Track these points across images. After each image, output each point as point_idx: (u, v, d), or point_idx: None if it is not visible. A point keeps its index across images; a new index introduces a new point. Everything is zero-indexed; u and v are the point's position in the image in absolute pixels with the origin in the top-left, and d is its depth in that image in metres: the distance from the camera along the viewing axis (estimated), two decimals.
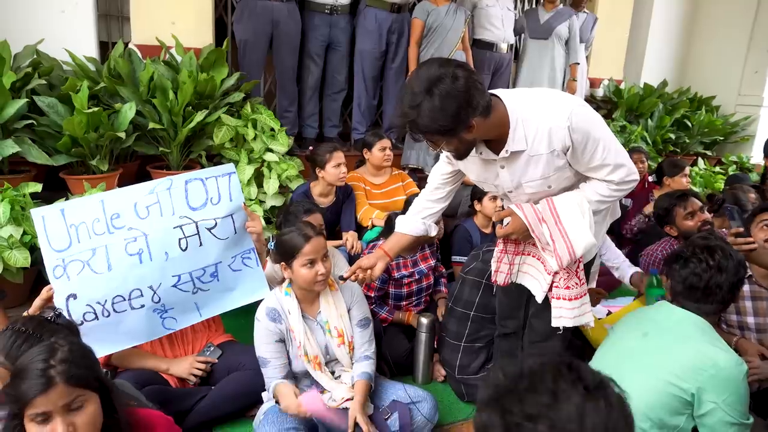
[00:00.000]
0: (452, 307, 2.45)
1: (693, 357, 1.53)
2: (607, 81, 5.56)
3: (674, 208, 2.87)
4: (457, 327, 2.41)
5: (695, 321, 1.63)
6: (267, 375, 1.96)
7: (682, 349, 1.57)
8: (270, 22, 3.63)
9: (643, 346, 1.66)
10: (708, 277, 1.65)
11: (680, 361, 1.55)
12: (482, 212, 3.07)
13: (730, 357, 1.52)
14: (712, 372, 1.49)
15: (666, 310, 1.71)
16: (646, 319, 1.74)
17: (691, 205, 2.83)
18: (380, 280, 2.50)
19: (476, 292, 2.37)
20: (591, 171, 1.58)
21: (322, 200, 3.07)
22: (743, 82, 5.94)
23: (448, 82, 1.38)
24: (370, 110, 4.23)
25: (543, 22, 4.37)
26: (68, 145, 2.84)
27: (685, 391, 1.52)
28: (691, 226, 2.80)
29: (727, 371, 1.48)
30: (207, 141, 3.33)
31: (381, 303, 2.62)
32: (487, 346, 2.39)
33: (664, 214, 2.94)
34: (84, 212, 1.96)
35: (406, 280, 2.62)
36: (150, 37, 3.48)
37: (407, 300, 2.66)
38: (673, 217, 2.88)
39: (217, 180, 2.08)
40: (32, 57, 3.14)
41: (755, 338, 2.29)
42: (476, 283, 2.39)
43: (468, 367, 2.39)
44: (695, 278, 1.67)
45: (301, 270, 1.93)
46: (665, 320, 1.68)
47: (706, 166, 5.41)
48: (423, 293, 2.71)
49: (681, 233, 2.85)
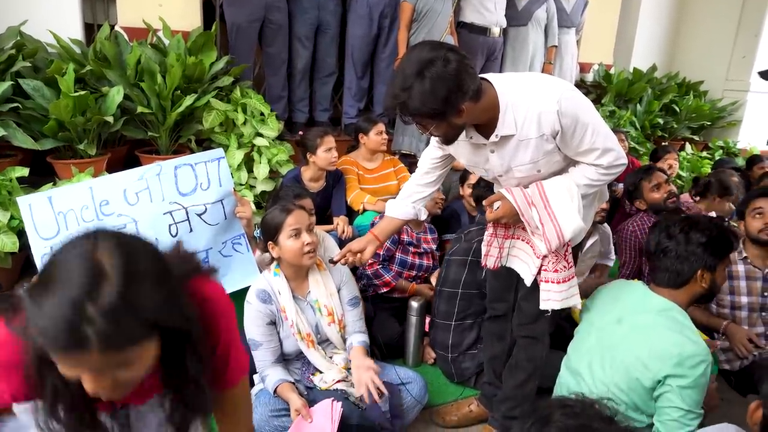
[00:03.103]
0: (440, 289, 2.50)
1: (660, 345, 1.58)
2: (597, 66, 5.57)
3: (641, 182, 3.00)
4: (447, 306, 2.45)
5: (667, 308, 1.67)
6: (258, 358, 1.97)
7: (652, 336, 1.61)
8: (263, 7, 3.58)
9: (618, 333, 1.70)
10: (673, 256, 1.71)
11: (649, 349, 1.59)
12: (465, 197, 3.13)
13: (696, 348, 1.55)
14: (675, 360, 1.53)
15: (640, 294, 1.75)
16: (620, 302, 1.78)
17: (656, 177, 2.97)
18: (391, 241, 2.56)
19: (462, 270, 2.43)
20: (580, 155, 1.60)
21: (313, 185, 3.07)
22: (731, 66, 5.98)
23: (439, 65, 1.38)
24: (360, 94, 4.21)
25: (521, 8, 4.35)
26: (55, 129, 2.80)
27: (652, 378, 1.57)
28: (657, 198, 2.93)
29: (690, 360, 1.52)
30: (196, 125, 3.30)
31: (386, 267, 2.65)
32: (477, 323, 2.43)
33: (632, 189, 3.06)
34: (72, 199, 1.95)
35: (412, 249, 2.71)
36: (136, 19, 3.42)
37: (410, 270, 2.72)
38: (640, 191, 3.00)
39: (206, 165, 2.08)
40: (16, 39, 3.07)
41: (746, 317, 2.35)
42: (462, 261, 2.44)
43: (460, 345, 2.44)
44: (666, 261, 1.72)
45: (287, 242, 1.94)
46: (639, 306, 1.72)
47: (693, 151, 5.46)
48: (422, 270, 2.78)
49: (649, 206, 2.97)
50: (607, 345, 1.71)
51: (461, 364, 2.43)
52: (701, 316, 2.42)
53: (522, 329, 1.95)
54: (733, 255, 2.41)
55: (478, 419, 2.21)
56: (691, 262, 1.68)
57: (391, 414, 1.96)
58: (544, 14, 4.44)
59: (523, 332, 1.95)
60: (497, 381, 2.12)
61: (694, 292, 1.70)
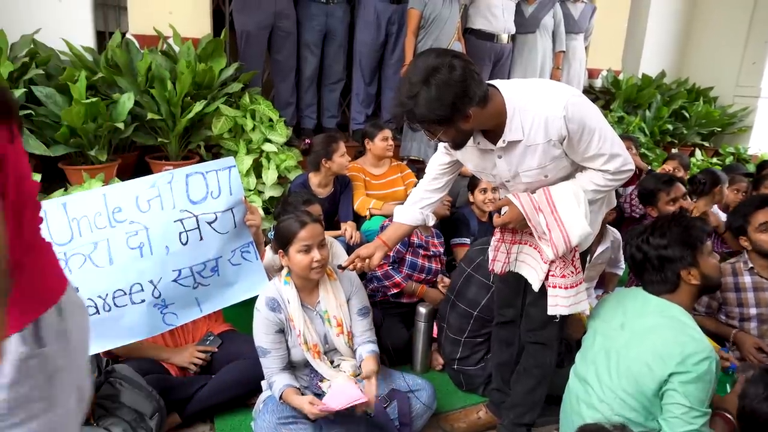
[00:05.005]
0: (455, 302, 2.45)
1: (663, 345, 1.57)
2: (605, 72, 5.56)
3: (659, 193, 2.92)
4: (460, 323, 2.42)
5: (668, 308, 1.66)
6: (266, 365, 1.97)
7: (654, 338, 1.60)
8: (273, 15, 3.62)
9: (621, 339, 1.70)
10: (650, 268, 1.70)
11: (652, 351, 1.58)
12: (475, 203, 3.12)
13: (698, 345, 1.54)
14: (678, 359, 1.52)
15: (641, 298, 1.75)
16: (622, 308, 1.78)
17: (675, 191, 2.89)
18: (401, 243, 2.55)
19: (483, 294, 2.37)
20: (587, 161, 1.60)
21: (320, 191, 3.08)
22: (741, 73, 5.93)
23: (444, 71, 1.39)
24: (368, 101, 4.23)
25: (528, 15, 4.37)
26: (66, 135, 2.83)
27: (657, 379, 1.56)
28: (671, 211, 2.84)
29: (693, 357, 1.51)
30: (206, 131, 3.33)
31: (396, 269, 2.66)
32: (487, 341, 2.40)
33: (647, 195, 2.99)
34: (86, 206, 1.96)
35: (422, 252, 2.70)
36: (147, 26, 3.46)
37: (419, 273, 2.72)
38: (656, 200, 2.93)
39: (217, 174, 2.07)
40: (29, 47, 3.12)
41: (756, 328, 2.32)
42: (484, 284, 2.38)
43: (468, 359, 2.42)
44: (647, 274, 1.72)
45: (297, 256, 1.94)
46: (640, 309, 1.71)
47: (704, 157, 5.42)
48: (431, 274, 2.77)
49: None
50: (612, 351, 1.70)
51: (469, 374, 2.42)
52: (711, 325, 2.40)
53: (530, 335, 1.94)
54: (739, 266, 2.38)
55: (486, 426, 2.20)
56: (667, 266, 1.67)
57: (400, 422, 1.95)
58: (551, 21, 4.46)
59: (532, 338, 1.94)
60: (506, 387, 2.11)
61: (691, 291, 1.69)
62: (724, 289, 2.37)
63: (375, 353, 2.04)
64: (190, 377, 2.18)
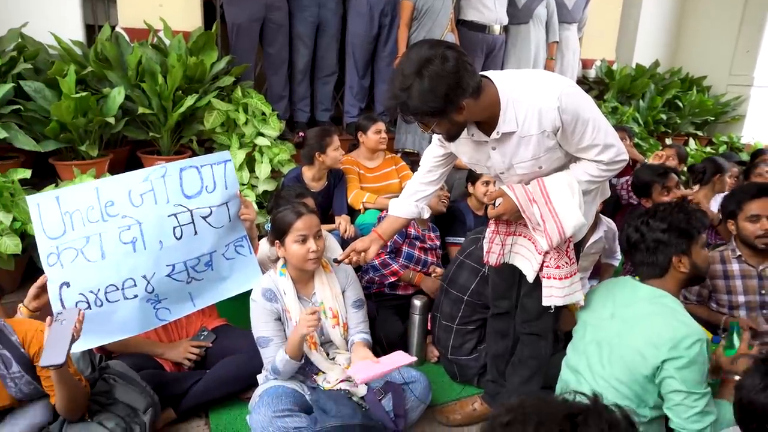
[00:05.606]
0: (447, 289, 2.48)
1: (653, 332, 1.58)
2: (599, 62, 5.55)
3: (653, 184, 3.00)
4: (451, 309, 2.44)
5: (656, 295, 1.68)
6: (267, 355, 1.98)
7: (644, 325, 1.62)
8: (264, 6, 3.58)
9: (612, 328, 1.71)
10: (643, 249, 1.72)
11: (643, 338, 1.60)
12: (474, 195, 3.10)
13: (689, 329, 1.56)
14: (670, 345, 1.54)
15: (630, 287, 1.76)
16: (611, 298, 1.79)
17: (669, 181, 2.97)
18: (399, 234, 2.58)
19: (473, 278, 2.40)
20: (581, 151, 1.59)
21: (314, 184, 3.07)
22: (734, 61, 5.93)
23: (437, 63, 1.38)
24: (362, 93, 4.21)
25: (521, 6, 4.35)
26: (56, 130, 2.80)
27: (650, 365, 1.57)
28: (665, 201, 2.87)
29: (684, 342, 1.53)
30: (198, 126, 3.31)
31: (393, 258, 2.67)
32: (478, 328, 2.43)
33: (641, 186, 3.04)
34: (79, 200, 1.94)
35: (419, 244, 2.72)
36: (137, 19, 3.42)
37: (416, 264, 2.73)
38: (651, 191, 3.00)
39: (212, 168, 2.05)
40: (17, 41, 3.08)
41: (745, 316, 2.33)
42: (474, 269, 2.41)
43: (460, 348, 2.43)
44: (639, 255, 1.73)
45: (293, 246, 1.95)
46: (629, 298, 1.73)
47: (697, 146, 5.43)
48: (427, 266, 2.78)
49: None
50: (603, 341, 1.72)
51: (463, 365, 2.43)
52: (702, 312, 2.41)
53: (525, 326, 1.95)
54: (727, 253, 2.39)
55: (481, 417, 2.20)
56: (661, 250, 1.69)
57: (395, 413, 1.95)
58: (544, 11, 4.44)
59: (527, 329, 1.95)
60: (501, 379, 2.11)
61: (678, 278, 1.71)
62: (713, 276, 2.38)
63: (366, 341, 2.06)
64: (184, 372, 2.18)
